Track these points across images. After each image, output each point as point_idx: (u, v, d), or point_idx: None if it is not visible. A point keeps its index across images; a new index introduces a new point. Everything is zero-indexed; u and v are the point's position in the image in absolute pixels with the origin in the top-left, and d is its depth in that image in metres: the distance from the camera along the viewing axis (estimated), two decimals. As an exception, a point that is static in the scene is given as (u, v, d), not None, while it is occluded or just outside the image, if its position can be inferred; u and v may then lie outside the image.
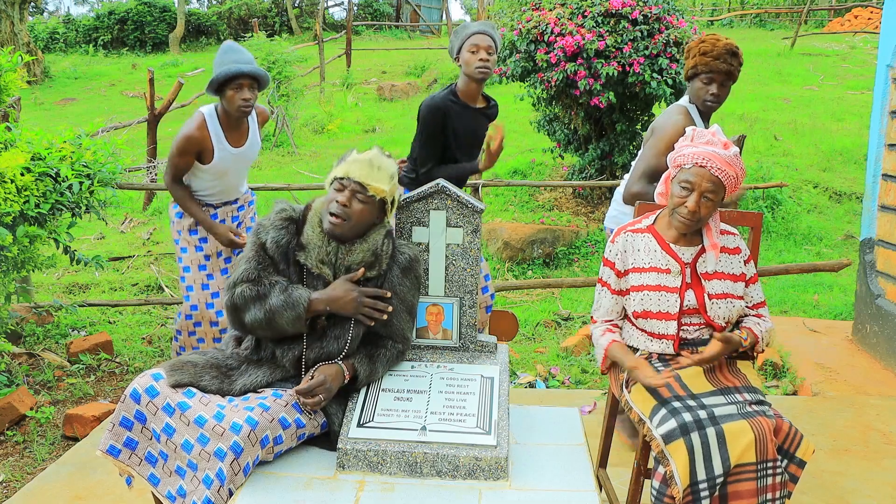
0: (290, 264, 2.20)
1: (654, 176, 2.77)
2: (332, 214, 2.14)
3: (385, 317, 2.18)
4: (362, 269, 2.17)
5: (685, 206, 2.14)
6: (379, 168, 2.17)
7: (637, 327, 2.27)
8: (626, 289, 2.26)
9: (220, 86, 3.19)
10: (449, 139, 3.25)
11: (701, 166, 2.12)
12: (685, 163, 2.16)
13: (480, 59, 3.12)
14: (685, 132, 2.25)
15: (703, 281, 2.20)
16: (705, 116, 2.91)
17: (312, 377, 2.10)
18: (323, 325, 2.18)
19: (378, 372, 2.24)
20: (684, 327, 2.21)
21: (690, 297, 2.19)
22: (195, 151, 3.28)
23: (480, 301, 3.39)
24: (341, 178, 2.16)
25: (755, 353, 2.28)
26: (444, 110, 3.20)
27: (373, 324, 2.19)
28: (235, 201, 3.55)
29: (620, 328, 2.34)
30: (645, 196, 2.76)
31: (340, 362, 2.17)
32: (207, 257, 3.43)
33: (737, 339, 2.16)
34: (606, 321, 2.34)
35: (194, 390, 2.09)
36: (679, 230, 2.20)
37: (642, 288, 2.21)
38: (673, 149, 2.26)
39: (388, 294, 2.19)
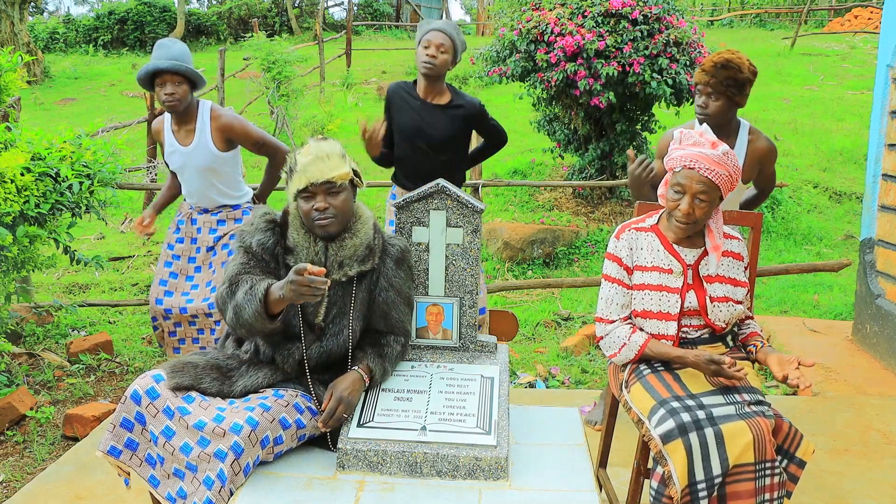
0: (280, 266, 2.20)
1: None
2: (318, 221, 2.11)
3: (321, 292, 1.95)
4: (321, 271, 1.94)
5: (679, 210, 2.15)
6: (328, 156, 2.10)
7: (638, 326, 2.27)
8: (633, 285, 2.26)
9: (150, 84, 3.29)
10: (392, 125, 3.36)
11: (689, 168, 2.13)
12: (675, 166, 2.18)
13: (427, 55, 3.19)
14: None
15: (704, 283, 2.20)
16: (716, 129, 2.85)
17: (330, 396, 2.08)
18: (320, 326, 2.18)
19: (389, 370, 2.24)
20: (684, 328, 2.21)
21: (692, 299, 2.19)
22: (160, 142, 3.47)
23: None
24: (304, 189, 2.10)
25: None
26: (391, 95, 3.38)
27: (317, 300, 1.99)
28: (217, 213, 3.48)
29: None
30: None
31: (357, 368, 2.17)
32: (177, 256, 3.49)
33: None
34: (625, 319, 2.26)
35: (194, 395, 2.08)
36: (677, 234, 2.21)
37: (644, 287, 2.21)
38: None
39: (323, 272, 1.95)
